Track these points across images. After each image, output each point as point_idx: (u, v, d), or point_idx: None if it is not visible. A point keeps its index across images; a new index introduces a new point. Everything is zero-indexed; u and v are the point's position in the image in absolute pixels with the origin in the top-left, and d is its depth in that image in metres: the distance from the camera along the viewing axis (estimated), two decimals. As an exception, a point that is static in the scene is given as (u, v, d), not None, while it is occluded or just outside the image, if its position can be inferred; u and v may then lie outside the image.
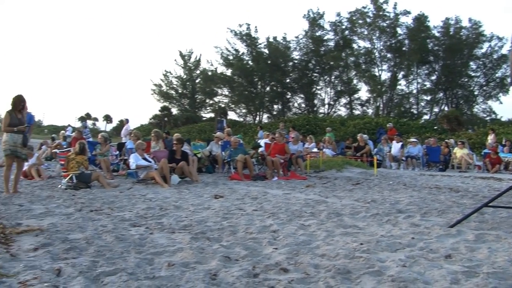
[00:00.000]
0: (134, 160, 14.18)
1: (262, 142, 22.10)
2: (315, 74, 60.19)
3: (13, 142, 11.33)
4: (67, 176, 12.94)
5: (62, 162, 14.05)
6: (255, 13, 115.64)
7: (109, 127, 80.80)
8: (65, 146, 21.16)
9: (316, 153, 21.90)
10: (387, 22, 52.59)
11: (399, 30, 53.39)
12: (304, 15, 57.42)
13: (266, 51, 60.53)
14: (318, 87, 60.68)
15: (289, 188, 13.54)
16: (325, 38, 57.12)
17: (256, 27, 60.37)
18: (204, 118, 67.61)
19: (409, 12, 51.72)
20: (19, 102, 11.56)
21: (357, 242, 6.32)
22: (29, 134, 12.15)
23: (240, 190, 12.60)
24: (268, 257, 5.62)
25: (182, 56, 70.51)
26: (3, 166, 12.97)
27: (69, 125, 41.05)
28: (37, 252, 5.67)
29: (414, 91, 55.90)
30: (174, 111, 71.87)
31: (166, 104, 71.44)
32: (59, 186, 12.94)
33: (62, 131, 27.05)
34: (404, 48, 53.26)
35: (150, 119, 72.23)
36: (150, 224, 7.60)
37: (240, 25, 59.73)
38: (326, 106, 60.12)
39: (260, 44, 60.60)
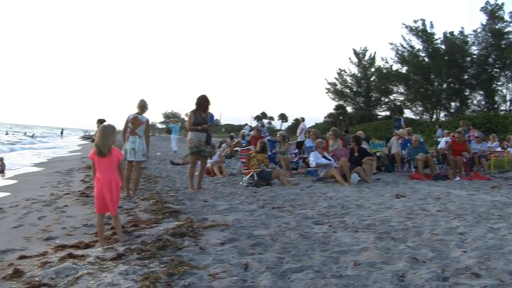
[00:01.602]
0: (314, 158, 14.14)
1: (442, 140, 21.23)
2: (495, 70, 56.47)
3: (197, 140, 11.74)
4: (248, 174, 13.25)
5: (244, 160, 14.39)
6: (430, 8, 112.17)
7: (284, 125, 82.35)
8: (244, 144, 21.72)
9: (501, 152, 20.60)
10: None
11: None
12: (482, 7, 54.29)
13: (442, 46, 58.13)
14: (498, 83, 56.84)
15: (472, 188, 12.81)
16: (506, 30, 53.38)
17: (431, 22, 58.13)
18: (380, 116, 66.68)
19: None
20: (203, 102, 11.95)
21: (556, 249, 5.73)
22: (211, 132, 12.50)
23: (422, 190, 12.11)
24: (457, 260, 5.30)
25: (356, 54, 70.24)
26: (188, 164, 13.49)
27: (246, 124, 42.37)
28: (224, 246, 5.81)
29: None
30: (349, 109, 71.79)
31: (341, 102, 71.54)
32: (241, 183, 13.26)
33: (242, 130, 27.86)
34: None
35: (325, 118, 72.79)
36: (333, 223, 7.50)
37: (415, 21, 57.85)
38: (508, 103, 56.30)
39: (436, 39, 58.20)
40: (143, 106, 11.19)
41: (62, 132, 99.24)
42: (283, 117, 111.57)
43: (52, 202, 10.48)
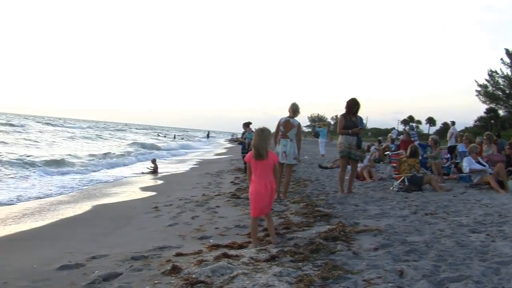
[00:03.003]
0: (467, 163, 13.57)
1: None
2: None
3: (347, 144, 11.68)
4: (399, 179, 12.97)
5: (394, 165, 14.15)
6: None
7: (432, 129, 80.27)
8: (393, 148, 21.37)
9: None
10: None
11: None
12: None
13: None
14: None
15: None
16: None
17: None
18: (536, 120, 63.08)
19: None
20: (353, 105, 11.87)
21: None
22: (361, 136, 12.38)
23: None
24: None
25: (509, 54, 66.81)
26: (337, 167, 13.46)
27: (393, 128, 41.66)
28: (378, 252, 5.73)
29: None
30: (501, 112, 68.50)
31: (492, 105, 68.47)
32: (391, 188, 13.04)
33: (390, 134, 27.46)
34: None
35: (475, 122, 70.10)
36: (491, 231, 7.10)
37: None
38: None
39: None
40: (295, 110, 11.32)
41: (208, 135, 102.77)
42: (431, 121, 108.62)
43: (204, 202, 10.95)
